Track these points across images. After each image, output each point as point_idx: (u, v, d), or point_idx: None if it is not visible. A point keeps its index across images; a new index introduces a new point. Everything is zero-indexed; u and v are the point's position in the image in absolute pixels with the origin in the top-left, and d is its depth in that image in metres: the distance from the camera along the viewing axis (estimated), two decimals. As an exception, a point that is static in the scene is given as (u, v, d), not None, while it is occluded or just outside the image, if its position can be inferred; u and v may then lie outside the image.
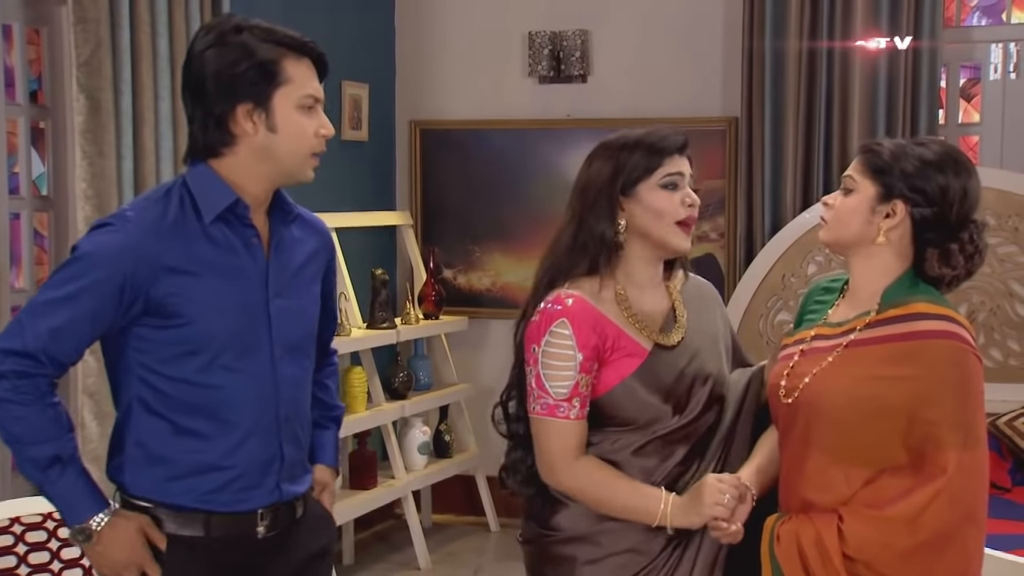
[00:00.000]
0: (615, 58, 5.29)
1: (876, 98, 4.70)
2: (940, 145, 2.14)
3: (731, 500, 2.10)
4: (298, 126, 2.07)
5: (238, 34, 2.05)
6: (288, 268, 2.16)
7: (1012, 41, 4.86)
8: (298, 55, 2.08)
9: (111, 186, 3.57)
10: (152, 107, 3.72)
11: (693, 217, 2.21)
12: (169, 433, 2.05)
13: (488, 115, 5.42)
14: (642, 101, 5.14)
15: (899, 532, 1.98)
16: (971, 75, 5.05)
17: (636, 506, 2.15)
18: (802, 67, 4.79)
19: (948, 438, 1.99)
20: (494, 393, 5.72)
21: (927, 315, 2.06)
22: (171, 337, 2.03)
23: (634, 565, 2.16)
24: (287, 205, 2.19)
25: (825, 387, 2.07)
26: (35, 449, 2.00)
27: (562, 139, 5.34)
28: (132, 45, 3.64)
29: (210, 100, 2.05)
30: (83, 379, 3.55)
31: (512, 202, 5.44)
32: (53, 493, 2.02)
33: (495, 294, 5.50)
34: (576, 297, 2.17)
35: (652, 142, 2.21)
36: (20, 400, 1.98)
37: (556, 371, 2.14)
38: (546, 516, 2.22)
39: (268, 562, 2.14)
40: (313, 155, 2.11)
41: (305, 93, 2.07)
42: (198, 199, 2.06)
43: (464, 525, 5.49)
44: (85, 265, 2.01)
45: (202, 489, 2.06)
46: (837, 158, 4.78)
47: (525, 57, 5.36)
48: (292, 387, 2.15)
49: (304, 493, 2.21)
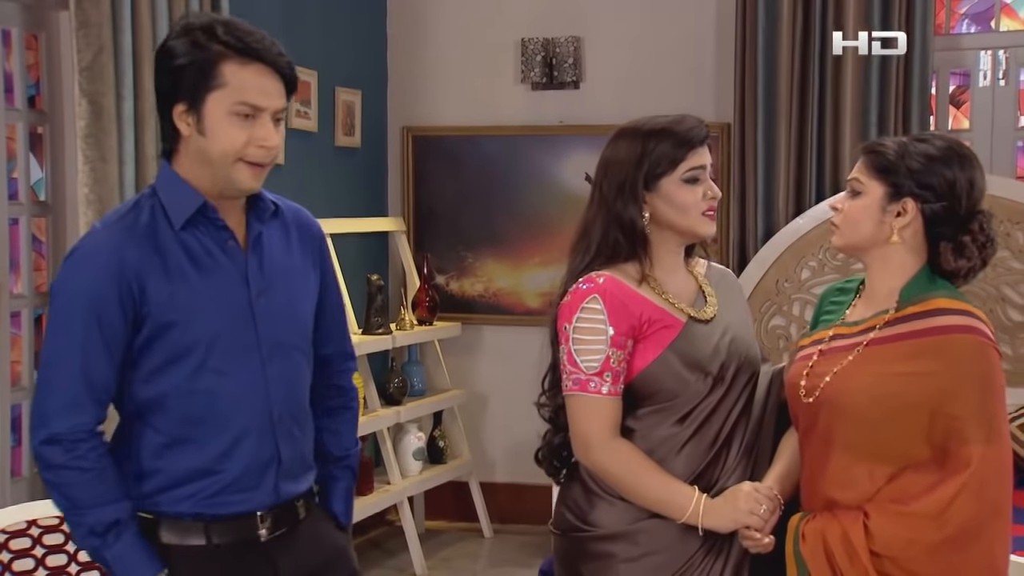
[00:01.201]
0: (608, 65, 5.31)
1: (868, 104, 4.74)
2: (942, 139, 2.16)
3: (767, 512, 2.12)
4: (226, 133, 1.96)
5: (196, 31, 1.97)
6: (271, 265, 2.09)
7: (1001, 48, 4.91)
8: (245, 59, 1.96)
9: (113, 191, 3.56)
10: (153, 112, 3.69)
11: (715, 207, 2.26)
12: (162, 444, 2.01)
13: (481, 121, 5.43)
14: (635, 107, 5.07)
15: (925, 527, 2.00)
16: (960, 82, 5.09)
17: (667, 499, 2.16)
18: (794, 73, 4.83)
19: (971, 433, 2.00)
20: (487, 399, 5.79)
21: (947, 311, 2.08)
22: (157, 346, 1.98)
23: (671, 564, 2.18)
24: (263, 202, 2.11)
25: (847, 385, 2.08)
26: (95, 514, 1.96)
27: (555, 145, 5.37)
28: (134, 49, 3.63)
29: (159, 93, 2.02)
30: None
31: (504, 208, 5.45)
32: (110, 556, 1.97)
33: (488, 300, 5.50)
34: (608, 276, 2.21)
35: (679, 133, 2.24)
36: (78, 465, 1.95)
37: (587, 345, 2.17)
38: (585, 511, 2.23)
39: (277, 565, 2.09)
40: (244, 163, 1.98)
41: (239, 99, 1.95)
42: (167, 206, 2.02)
43: (457, 531, 5.49)
44: (69, 297, 1.96)
45: (199, 495, 2.02)
46: (829, 164, 4.82)
47: (518, 64, 5.37)
48: (284, 385, 2.09)
49: (306, 492, 2.16)
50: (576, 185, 5.32)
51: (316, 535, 2.17)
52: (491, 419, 5.56)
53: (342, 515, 2.25)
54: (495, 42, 5.42)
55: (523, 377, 5.36)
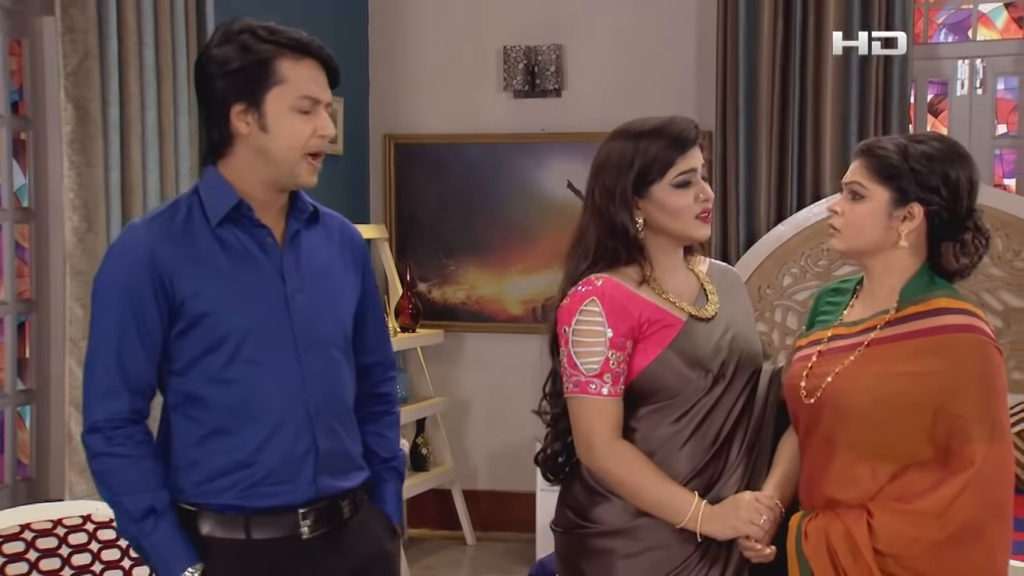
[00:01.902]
0: (589, 72, 5.34)
1: (848, 113, 4.78)
2: (938, 139, 2.16)
3: (767, 522, 2.13)
4: (290, 127, 2.04)
5: (239, 34, 2.05)
6: (308, 265, 2.14)
7: (978, 58, 4.96)
8: (297, 55, 2.05)
9: (99, 196, 3.54)
10: (139, 117, 3.69)
11: (708, 208, 2.24)
12: (200, 435, 2.06)
13: (463, 129, 5.44)
14: (616, 115, 5.05)
15: (929, 525, 2.00)
16: (938, 91, 5.15)
17: (668, 503, 2.17)
18: (775, 82, 4.87)
19: (974, 431, 2.01)
20: (469, 407, 5.78)
21: (948, 310, 2.09)
22: (192, 337, 2.04)
23: (670, 562, 2.18)
24: (303, 204, 2.17)
25: (849, 385, 2.09)
26: (131, 499, 2.01)
27: (537, 153, 5.38)
28: (119, 55, 3.62)
29: (211, 100, 2.06)
30: (71, 391, 3.51)
31: (487, 216, 5.46)
32: (148, 545, 2.02)
33: (470, 308, 5.51)
34: (606, 279, 2.22)
35: (667, 137, 2.22)
36: (114, 451, 2.01)
37: (586, 348, 2.18)
38: (586, 508, 2.24)
39: (317, 563, 2.11)
40: (308, 157, 2.07)
41: (300, 94, 2.04)
42: (205, 203, 2.08)
43: (440, 539, 5.48)
44: (106, 290, 2.04)
45: (239, 486, 2.05)
46: (811, 172, 4.85)
47: (500, 71, 5.39)
48: (321, 380, 2.12)
49: (351, 491, 2.18)
50: (558, 193, 5.35)
51: (362, 535, 2.18)
52: (474, 426, 5.56)
53: (394, 513, 2.28)
54: (477, 50, 5.44)
55: (506, 384, 5.46)
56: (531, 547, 4.98)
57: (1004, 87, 5.06)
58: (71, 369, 3.51)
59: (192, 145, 3.94)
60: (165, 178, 3.81)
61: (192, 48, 3.94)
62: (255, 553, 2.06)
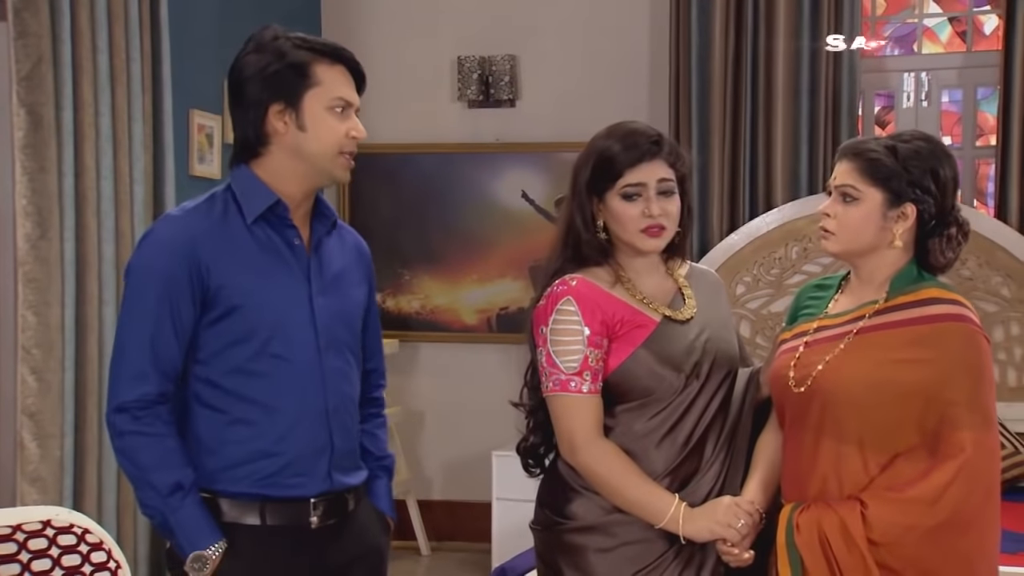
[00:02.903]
0: (544, 83, 5.37)
1: (799, 124, 4.85)
2: (923, 138, 2.17)
3: (745, 526, 2.14)
4: (327, 126, 2.14)
5: (274, 41, 2.17)
6: (328, 271, 2.23)
7: (923, 71, 5.06)
8: (331, 61, 2.18)
9: (52, 202, 3.51)
10: (93, 123, 3.66)
11: (657, 225, 2.23)
12: (223, 424, 2.13)
13: (417, 139, 5.44)
14: (570, 125, 5.21)
15: (922, 513, 2.02)
16: (885, 103, 5.24)
17: (647, 502, 2.18)
18: (727, 93, 4.93)
19: (965, 418, 2.03)
20: (424, 416, 5.76)
21: (940, 300, 2.12)
22: (222, 328, 2.11)
23: (644, 557, 2.19)
24: (327, 211, 2.27)
25: (842, 373, 2.10)
26: (158, 475, 2.08)
27: (491, 163, 5.40)
28: (73, 60, 3.59)
29: (247, 102, 2.16)
30: (22, 399, 3.46)
31: (441, 226, 5.47)
32: (174, 520, 2.09)
33: (425, 317, 5.50)
34: (580, 279, 2.25)
35: (622, 149, 2.24)
36: (142, 430, 2.08)
37: (565, 346, 2.20)
38: (561, 504, 2.26)
39: (323, 553, 2.18)
40: (344, 155, 2.18)
41: (335, 95, 2.16)
42: (241, 200, 2.16)
43: (394, 549, 5.44)
44: (143, 275, 2.12)
45: (258, 475, 2.12)
46: (762, 182, 4.91)
47: (454, 81, 5.41)
48: (339, 378, 2.21)
49: (356, 487, 2.26)
50: (513, 203, 5.37)
51: (361, 530, 2.26)
52: (428, 436, 5.55)
53: (387, 509, 2.37)
54: (431, 60, 5.45)
55: (460, 394, 5.46)
56: (487, 556, 4.98)
57: (948, 99, 5.16)
58: (23, 378, 3.47)
59: (146, 151, 3.92)
60: (119, 185, 3.78)
61: (147, 53, 3.92)
62: (267, 539, 2.13)
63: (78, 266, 3.65)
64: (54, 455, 3.52)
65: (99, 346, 3.70)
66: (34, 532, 2.25)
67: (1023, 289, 4.50)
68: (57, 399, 3.54)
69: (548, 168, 5.31)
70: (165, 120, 4.02)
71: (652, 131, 2.29)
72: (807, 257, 4.77)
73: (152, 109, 3.97)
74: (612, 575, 2.20)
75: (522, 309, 5.43)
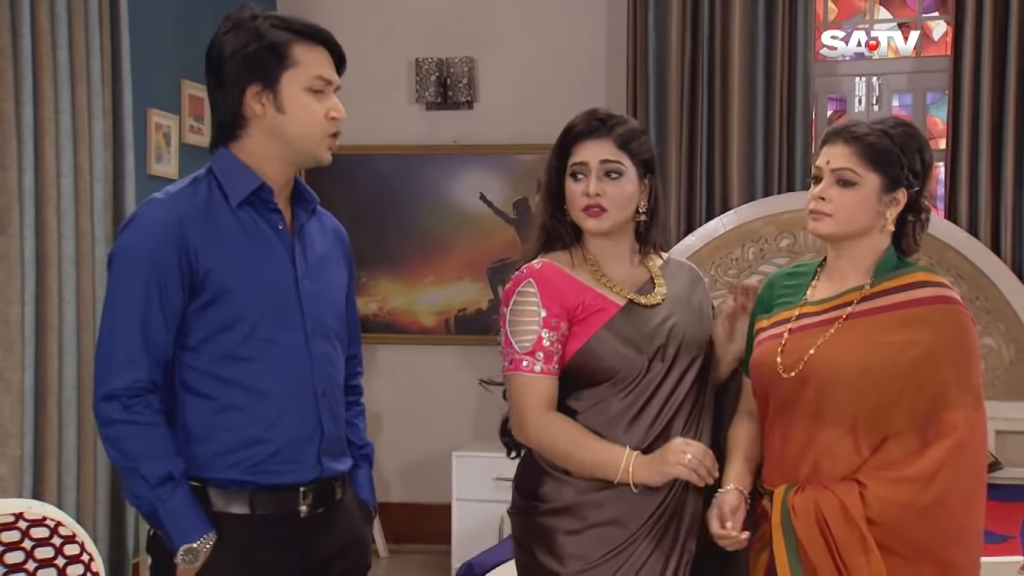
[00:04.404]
0: (501, 85, 5.39)
1: (754, 126, 4.93)
2: (903, 124, 2.21)
3: (693, 460, 2.16)
4: (306, 107, 2.11)
5: (252, 21, 2.12)
6: (311, 255, 2.21)
7: (875, 75, 5.17)
8: (310, 41, 2.13)
9: (12, 199, 3.47)
10: (53, 120, 3.63)
11: (595, 205, 2.26)
12: (211, 411, 2.09)
13: (375, 140, 5.43)
14: (528, 127, 5.25)
15: (919, 491, 2.05)
16: (837, 107, 5.33)
17: (601, 460, 2.20)
18: (684, 95, 4.99)
19: (957, 398, 2.08)
20: (382, 418, 5.74)
21: (927, 283, 2.16)
22: (211, 313, 2.08)
23: (615, 538, 2.21)
24: (308, 195, 2.24)
25: (835, 356, 2.12)
26: (148, 466, 2.03)
27: (449, 165, 5.41)
28: (33, 56, 3.56)
29: (224, 83, 2.11)
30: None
31: (399, 227, 5.46)
32: (164, 512, 2.04)
33: (382, 319, 5.50)
34: (546, 263, 2.29)
35: (568, 129, 2.31)
36: (132, 419, 2.04)
37: (520, 327, 2.24)
38: (534, 486, 2.28)
39: (310, 541, 2.16)
40: (327, 136, 2.14)
41: (313, 75, 2.11)
42: (224, 184, 2.12)
43: (352, 552, 5.43)
44: (129, 259, 2.07)
45: (248, 462, 2.09)
46: (719, 184, 4.97)
47: (412, 83, 5.41)
48: (326, 363, 2.18)
49: (344, 474, 2.24)
50: (471, 204, 5.39)
51: (347, 519, 2.24)
52: (386, 438, 5.53)
53: (369, 498, 2.36)
54: (389, 62, 5.45)
55: (418, 396, 5.45)
56: (446, 559, 4.98)
57: (899, 103, 5.26)
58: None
59: (106, 149, 3.89)
60: (80, 182, 3.75)
61: (106, 50, 3.89)
62: (256, 529, 2.10)
63: (38, 264, 3.61)
64: (14, 454, 3.48)
65: (59, 344, 3.66)
66: (6, 525, 2.23)
67: (973, 288, 4.59)
68: (17, 398, 3.50)
69: (506, 170, 5.34)
70: (125, 117, 4.00)
71: (605, 112, 2.32)
72: (764, 258, 4.84)
73: (112, 106, 3.94)
74: (582, 556, 2.22)
75: (480, 311, 5.48)
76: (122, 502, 3.98)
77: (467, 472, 4.88)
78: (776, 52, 4.90)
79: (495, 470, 4.74)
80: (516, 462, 2.41)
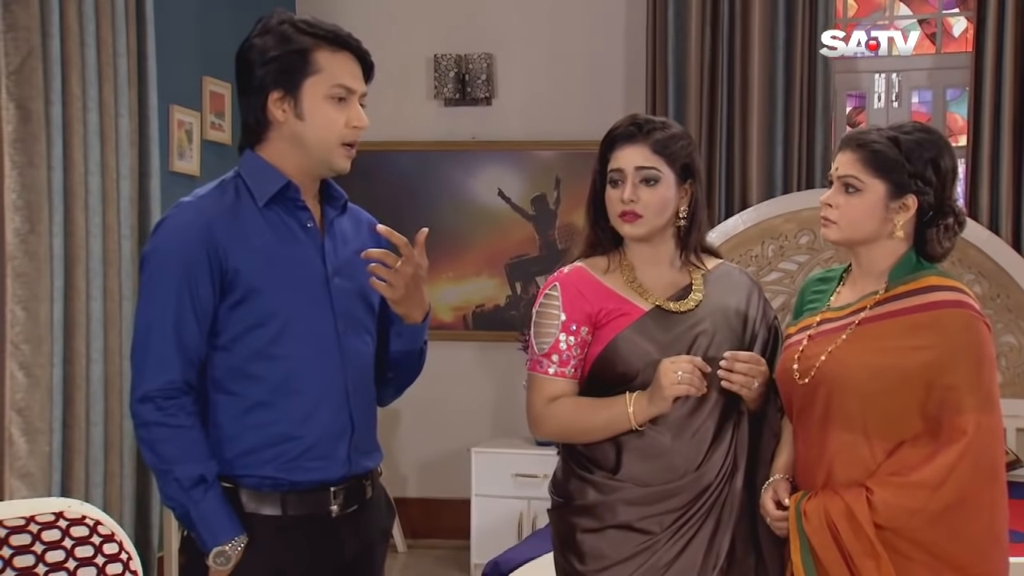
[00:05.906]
0: (520, 81, 5.40)
1: (774, 124, 4.93)
2: (923, 129, 2.22)
3: (685, 374, 2.15)
4: (326, 115, 2.11)
5: (280, 25, 2.13)
6: (343, 251, 2.20)
7: (894, 72, 5.16)
8: (334, 47, 2.13)
9: (42, 197, 3.49)
10: (81, 118, 3.65)
11: (630, 211, 2.27)
12: (243, 409, 2.10)
13: (394, 137, 5.44)
14: (546, 124, 5.26)
15: (927, 496, 2.06)
16: (857, 103, 5.33)
17: (611, 415, 2.22)
18: (703, 93, 4.99)
19: (967, 402, 2.08)
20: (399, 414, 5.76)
21: (939, 287, 2.16)
22: (241, 312, 2.09)
23: (634, 540, 2.23)
24: (336, 193, 2.24)
25: (845, 362, 2.14)
26: (181, 468, 2.05)
27: (467, 161, 5.42)
28: (62, 55, 3.58)
29: (249, 88, 2.13)
30: (11, 395, 3.43)
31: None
32: (196, 515, 2.05)
33: (401, 315, 5.50)
34: (576, 267, 2.33)
35: (607, 135, 2.33)
36: (166, 421, 2.05)
37: (542, 328, 2.29)
38: (562, 485, 2.33)
39: (343, 541, 2.16)
40: (344, 145, 2.14)
41: (335, 83, 2.11)
42: (251, 185, 2.14)
43: (371, 547, 5.46)
44: (161, 260, 2.08)
45: (279, 460, 2.10)
46: (738, 181, 4.98)
47: (431, 80, 5.42)
48: (357, 359, 2.19)
49: (373, 471, 2.24)
50: (489, 201, 5.40)
51: (375, 514, 2.25)
52: (404, 434, 5.55)
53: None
54: (408, 58, 5.46)
55: (436, 392, 5.45)
56: (465, 553, 5.00)
57: (918, 100, 5.26)
58: (12, 373, 3.45)
59: (132, 147, 3.91)
60: (107, 180, 3.77)
61: (132, 49, 3.91)
62: (288, 530, 2.11)
63: (67, 261, 3.63)
64: (43, 450, 3.50)
65: (87, 341, 3.68)
66: (47, 523, 2.24)
67: (994, 287, 4.60)
68: (46, 394, 3.52)
69: (524, 166, 5.35)
70: (150, 116, 4.02)
71: (644, 117, 2.33)
72: (783, 255, 4.84)
73: (137, 105, 3.96)
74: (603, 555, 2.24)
75: (498, 307, 5.49)
76: (148, 498, 4.01)
77: (486, 468, 4.89)
78: (796, 48, 4.90)
79: (514, 466, 4.77)
80: (538, 460, 2.45)
